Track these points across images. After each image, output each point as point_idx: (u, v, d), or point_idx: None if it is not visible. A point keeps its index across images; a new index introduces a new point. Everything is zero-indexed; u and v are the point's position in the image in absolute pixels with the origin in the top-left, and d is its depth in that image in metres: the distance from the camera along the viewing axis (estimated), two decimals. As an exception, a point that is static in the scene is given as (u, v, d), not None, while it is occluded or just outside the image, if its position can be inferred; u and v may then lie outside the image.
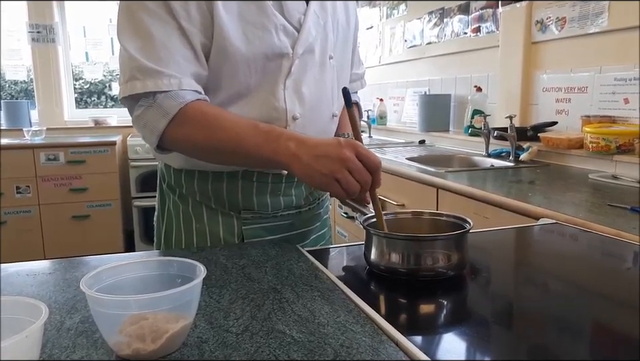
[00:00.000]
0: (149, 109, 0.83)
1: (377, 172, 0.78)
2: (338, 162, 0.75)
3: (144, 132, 0.85)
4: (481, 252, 0.92)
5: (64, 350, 0.54)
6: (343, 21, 1.02)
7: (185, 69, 0.84)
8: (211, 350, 0.54)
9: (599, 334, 0.62)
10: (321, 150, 0.77)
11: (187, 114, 0.83)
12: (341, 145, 0.76)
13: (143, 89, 0.82)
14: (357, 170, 0.76)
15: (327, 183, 0.77)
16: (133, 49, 0.82)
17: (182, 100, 0.82)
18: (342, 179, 0.75)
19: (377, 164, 0.77)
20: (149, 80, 0.81)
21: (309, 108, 0.95)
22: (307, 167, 0.77)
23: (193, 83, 0.85)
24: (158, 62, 0.81)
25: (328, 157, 0.76)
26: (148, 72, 0.81)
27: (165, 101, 0.82)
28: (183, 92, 0.83)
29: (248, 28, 0.86)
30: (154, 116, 0.83)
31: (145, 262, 0.62)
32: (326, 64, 0.97)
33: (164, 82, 0.82)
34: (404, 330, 0.57)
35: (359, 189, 0.77)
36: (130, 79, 0.82)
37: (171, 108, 0.82)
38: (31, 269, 0.80)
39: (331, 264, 0.86)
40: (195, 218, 0.99)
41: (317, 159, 0.77)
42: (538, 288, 0.78)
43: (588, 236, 1.04)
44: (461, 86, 2.88)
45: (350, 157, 0.75)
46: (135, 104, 0.85)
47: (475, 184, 1.64)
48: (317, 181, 0.78)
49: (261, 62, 0.89)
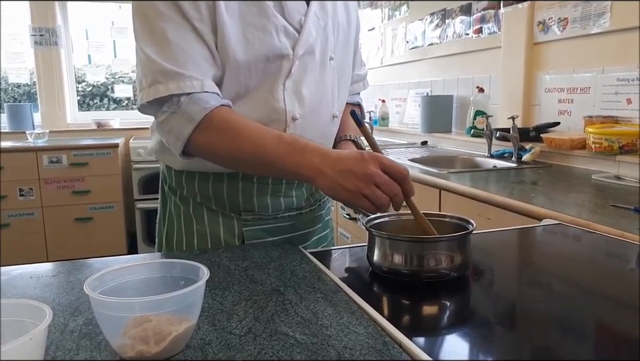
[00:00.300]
0: (173, 115, 0.83)
1: (404, 181, 0.76)
2: (364, 179, 0.74)
3: (169, 138, 0.85)
4: (484, 253, 0.92)
5: (67, 352, 0.54)
6: (343, 23, 1.02)
7: (206, 71, 0.84)
8: (214, 351, 0.54)
9: (602, 335, 0.62)
10: (345, 165, 0.76)
11: (212, 121, 0.82)
12: (365, 160, 0.75)
13: (166, 92, 0.81)
14: (385, 184, 0.75)
15: (354, 198, 0.76)
16: (152, 53, 0.82)
17: (207, 105, 0.82)
18: (370, 195, 0.74)
19: (403, 174, 0.76)
20: (171, 83, 0.81)
21: (308, 109, 0.95)
22: (331, 182, 0.77)
23: (213, 85, 0.85)
24: (178, 64, 0.82)
25: (352, 173, 0.75)
26: (169, 74, 0.81)
27: (189, 106, 0.82)
28: (207, 97, 0.83)
29: (249, 30, 0.86)
30: (179, 122, 0.83)
31: (148, 264, 0.62)
32: (326, 65, 0.97)
33: (186, 84, 0.82)
34: (407, 331, 0.57)
35: (389, 202, 0.76)
36: (153, 83, 0.82)
37: (196, 113, 0.82)
38: (34, 271, 0.80)
39: (333, 265, 0.86)
40: (195, 220, 0.99)
41: (341, 174, 0.76)
42: (541, 289, 0.78)
43: (591, 237, 1.04)
44: (463, 87, 2.87)
45: (375, 172, 0.74)
46: (159, 109, 0.85)
47: (477, 185, 1.63)
48: (343, 196, 0.77)
49: (261, 64, 0.89)
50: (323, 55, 0.96)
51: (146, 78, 0.83)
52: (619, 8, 1.87)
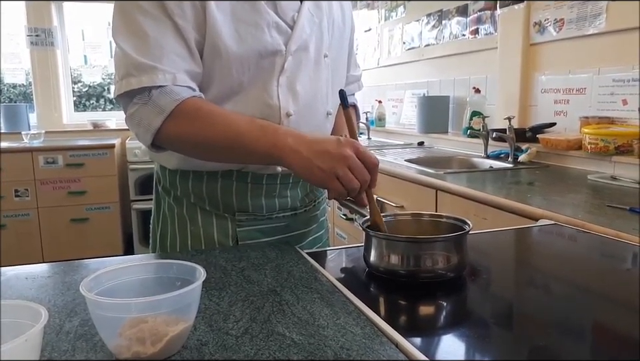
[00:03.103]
0: (143, 107, 0.83)
1: (374, 171, 0.78)
2: (339, 159, 0.76)
3: (138, 130, 0.85)
4: (481, 253, 0.92)
5: (63, 353, 0.54)
6: (339, 21, 1.02)
7: (179, 66, 0.84)
8: (210, 352, 0.54)
9: (599, 335, 0.62)
10: (321, 146, 0.77)
11: (182, 111, 0.82)
12: (341, 143, 0.77)
13: (138, 85, 0.81)
14: (357, 168, 0.76)
15: (327, 179, 0.77)
16: (128, 48, 0.82)
17: (177, 97, 0.82)
18: (343, 176, 0.76)
19: (375, 163, 0.78)
20: (143, 76, 0.81)
21: (303, 105, 0.95)
22: (306, 161, 0.77)
23: (186, 79, 0.85)
24: (152, 58, 0.81)
25: (328, 154, 0.76)
26: (143, 68, 0.81)
27: (160, 98, 0.82)
28: (178, 89, 0.83)
29: (240, 26, 0.87)
30: (149, 114, 0.83)
31: (144, 264, 0.62)
32: (321, 62, 0.97)
33: (159, 77, 0.81)
34: (404, 331, 0.57)
35: (359, 187, 0.77)
36: (125, 76, 0.82)
37: (167, 105, 0.82)
38: (30, 272, 0.80)
39: (330, 265, 0.86)
40: (189, 221, 0.99)
41: (316, 155, 0.77)
42: (537, 289, 0.78)
43: (587, 237, 1.04)
44: (460, 87, 2.88)
45: (350, 155, 0.76)
46: (130, 102, 0.85)
47: (474, 186, 1.64)
48: (316, 177, 0.78)
49: (254, 60, 0.89)
50: (317, 52, 0.96)
51: (119, 71, 0.83)
52: (615, 9, 1.88)
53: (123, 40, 0.83)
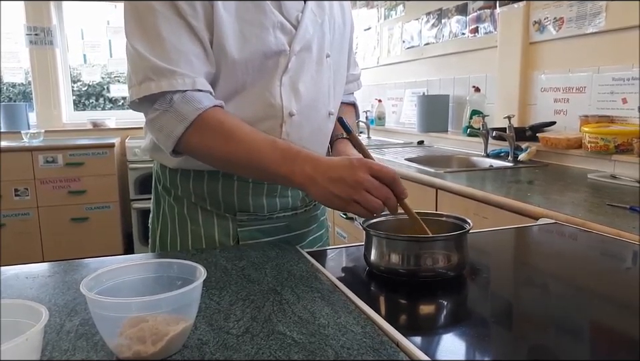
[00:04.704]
0: (165, 113, 0.83)
1: (394, 183, 0.77)
2: (353, 185, 0.75)
3: (159, 136, 0.85)
4: (481, 252, 0.92)
5: (64, 352, 0.54)
6: (339, 20, 1.03)
7: (198, 68, 0.84)
8: (211, 351, 0.54)
9: (599, 334, 0.62)
10: (336, 173, 0.77)
11: (204, 121, 0.82)
12: (353, 167, 0.76)
13: (157, 89, 0.81)
14: (375, 188, 0.76)
15: (346, 206, 0.77)
16: (144, 50, 0.81)
17: (199, 105, 0.82)
18: (361, 200, 0.75)
19: (393, 177, 0.77)
20: (163, 81, 0.81)
21: (305, 105, 0.95)
22: (323, 190, 0.78)
23: (205, 83, 0.85)
24: (170, 61, 0.81)
25: (343, 181, 0.76)
26: (161, 72, 0.81)
27: (182, 105, 0.82)
28: (200, 96, 0.83)
29: (245, 26, 0.86)
30: (170, 121, 0.83)
31: (144, 264, 0.62)
32: (323, 62, 0.97)
33: (178, 82, 0.81)
34: (404, 330, 0.57)
35: (381, 205, 0.77)
36: (144, 80, 0.82)
37: (189, 113, 0.82)
38: (30, 272, 0.80)
39: (330, 265, 0.86)
40: (190, 220, 0.99)
41: (332, 182, 0.77)
42: (538, 288, 0.78)
43: (587, 236, 1.04)
44: (459, 86, 2.88)
45: (364, 178, 0.75)
46: (150, 107, 0.84)
47: (474, 185, 1.64)
48: (335, 204, 0.79)
49: (258, 60, 0.89)
50: (320, 52, 0.96)
51: (136, 75, 0.83)
52: (615, 8, 1.88)
53: (138, 42, 0.82)
